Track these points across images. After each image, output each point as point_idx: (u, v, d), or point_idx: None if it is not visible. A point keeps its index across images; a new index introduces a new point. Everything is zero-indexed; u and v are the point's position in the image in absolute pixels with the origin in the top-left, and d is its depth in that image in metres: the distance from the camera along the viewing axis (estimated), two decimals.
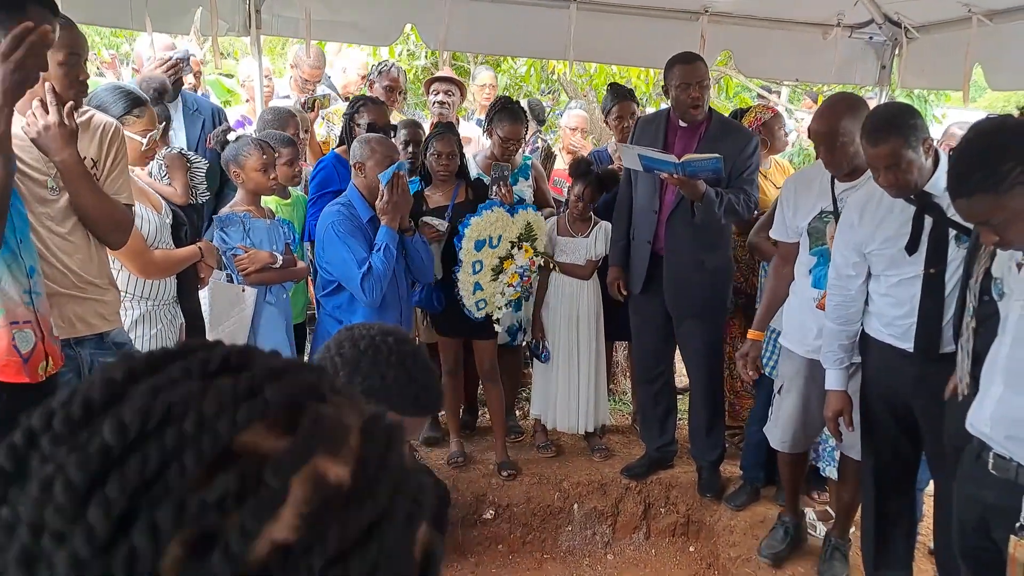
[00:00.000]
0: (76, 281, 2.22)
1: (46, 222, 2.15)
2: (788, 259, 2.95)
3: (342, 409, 0.45)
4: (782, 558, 3.07)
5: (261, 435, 0.41)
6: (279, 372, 0.45)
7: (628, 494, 3.73)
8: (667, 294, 3.45)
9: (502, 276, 3.50)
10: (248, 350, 0.47)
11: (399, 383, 1.38)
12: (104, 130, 2.29)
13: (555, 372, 3.81)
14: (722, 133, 3.31)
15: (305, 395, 0.44)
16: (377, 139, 3.11)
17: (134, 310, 2.72)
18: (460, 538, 3.63)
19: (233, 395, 0.41)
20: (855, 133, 2.61)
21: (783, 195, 2.94)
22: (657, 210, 3.39)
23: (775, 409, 3.03)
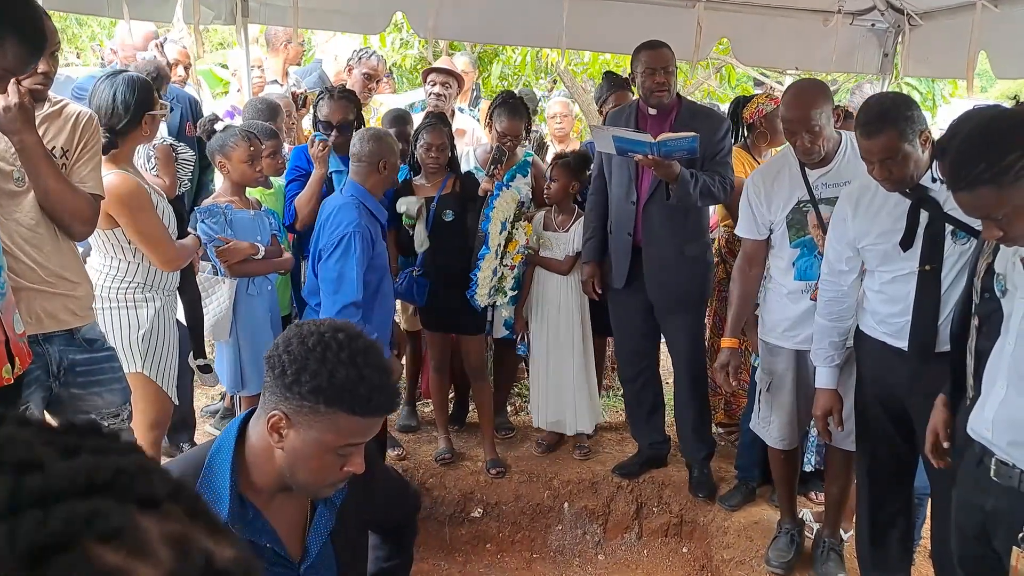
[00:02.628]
0: (44, 275, 2.16)
1: (14, 214, 2.09)
2: (754, 260, 2.88)
3: (134, 554, 0.31)
4: (792, 566, 2.98)
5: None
6: (29, 492, 0.31)
7: (620, 493, 3.65)
8: (649, 286, 3.35)
9: (506, 258, 3.43)
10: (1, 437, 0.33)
11: (349, 381, 1.29)
12: (77, 119, 2.23)
13: (537, 369, 3.73)
14: (692, 118, 3.23)
15: (66, 533, 0.30)
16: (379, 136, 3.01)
17: (155, 302, 2.69)
18: (447, 536, 3.56)
19: None
20: (829, 116, 2.59)
21: (749, 191, 2.85)
22: (635, 200, 3.30)
23: (765, 407, 2.94)
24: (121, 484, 0.34)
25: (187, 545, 0.34)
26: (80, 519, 0.31)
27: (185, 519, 0.35)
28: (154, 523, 0.34)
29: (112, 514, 0.32)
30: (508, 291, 3.53)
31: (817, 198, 2.69)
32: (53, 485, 0.31)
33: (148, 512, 0.34)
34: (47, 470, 0.32)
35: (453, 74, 4.35)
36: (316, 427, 1.31)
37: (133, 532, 0.32)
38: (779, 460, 3.01)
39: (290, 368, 1.30)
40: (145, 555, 0.32)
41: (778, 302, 2.85)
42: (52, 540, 0.30)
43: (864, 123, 2.20)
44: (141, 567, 0.31)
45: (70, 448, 0.35)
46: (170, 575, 0.32)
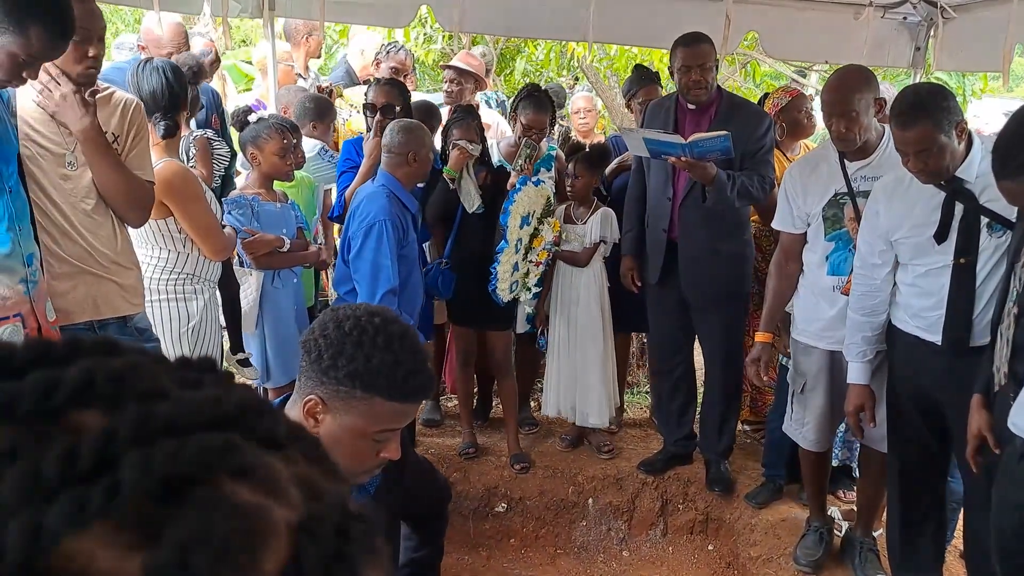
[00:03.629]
0: (101, 260, 2.19)
1: (69, 198, 2.12)
2: (791, 254, 2.84)
3: (268, 493, 0.29)
4: (821, 565, 2.94)
5: (103, 542, 0.26)
6: (159, 421, 0.29)
7: (645, 489, 3.62)
8: (683, 283, 3.32)
9: (530, 254, 3.40)
10: (124, 365, 0.31)
11: (386, 367, 1.27)
12: (125, 106, 2.25)
13: (552, 359, 3.70)
14: (732, 113, 3.18)
15: (201, 465, 0.28)
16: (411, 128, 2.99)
17: (204, 293, 2.70)
18: (471, 531, 3.55)
19: (59, 470, 0.26)
20: (869, 105, 2.53)
21: (787, 183, 2.81)
22: (671, 196, 3.27)
23: (799, 409, 2.89)
24: (248, 421, 0.32)
25: (317, 487, 0.32)
26: (215, 451, 0.29)
27: (308, 463, 0.34)
28: (281, 464, 0.32)
29: (245, 450, 0.30)
30: (532, 287, 3.50)
31: (855, 191, 2.64)
32: (182, 415, 0.30)
33: (274, 452, 0.32)
34: (173, 400, 0.30)
35: (465, 73, 4.33)
36: (352, 412, 1.30)
37: (265, 470, 0.30)
38: (811, 461, 2.97)
39: (326, 353, 1.29)
40: (279, 495, 0.30)
41: (812, 302, 2.80)
42: (189, 471, 0.28)
43: (899, 113, 2.16)
44: (276, 507, 0.29)
45: (191, 381, 0.33)
46: (307, 516, 0.30)
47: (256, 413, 0.32)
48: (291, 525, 0.29)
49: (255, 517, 0.28)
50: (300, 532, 0.29)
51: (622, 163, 3.76)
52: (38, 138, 2.07)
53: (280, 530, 0.29)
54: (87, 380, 0.30)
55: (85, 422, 0.29)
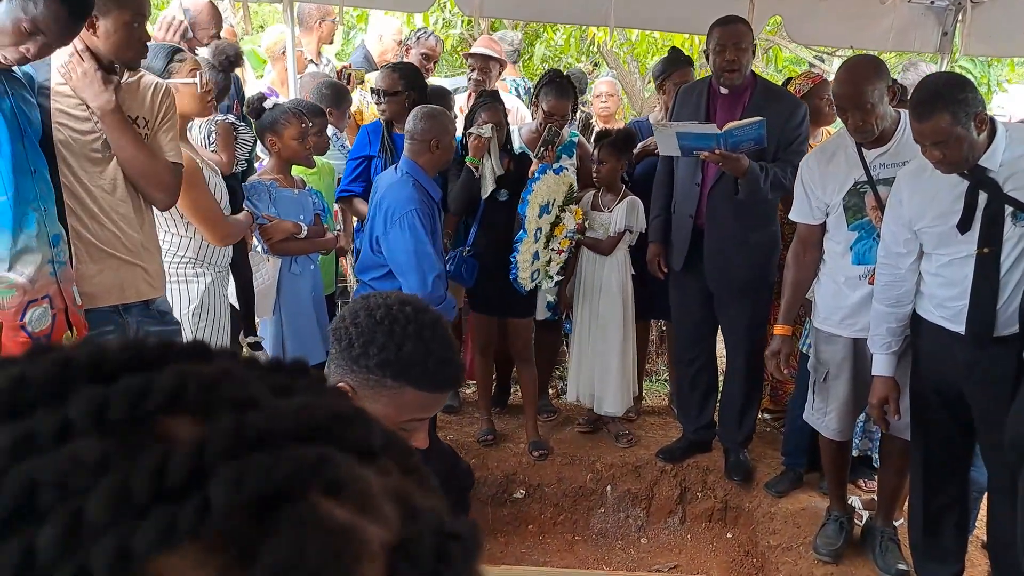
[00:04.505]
0: (128, 244, 2.20)
1: (97, 181, 2.13)
2: (809, 244, 2.80)
3: (363, 510, 0.28)
4: (841, 554, 2.93)
5: (194, 563, 0.24)
6: (251, 432, 0.27)
7: (663, 477, 3.61)
8: (708, 271, 3.29)
9: (552, 243, 3.39)
10: (216, 371, 0.29)
11: (417, 356, 1.27)
12: (155, 90, 2.26)
13: (575, 346, 3.69)
14: (767, 100, 3.13)
15: (294, 481, 0.26)
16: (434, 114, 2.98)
17: (205, 277, 2.70)
18: (490, 517, 3.56)
19: (148, 485, 0.25)
20: (883, 94, 2.49)
21: (804, 174, 2.77)
22: (699, 183, 3.23)
23: (820, 398, 2.87)
24: (340, 430, 0.30)
25: (412, 503, 0.30)
26: (308, 466, 0.27)
27: (401, 475, 0.32)
28: (374, 476, 0.30)
29: (339, 463, 0.28)
30: (554, 275, 3.49)
31: (875, 179, 2.61)
32: (275, 426, 0.28)
33: (367, 464, 0.30)
34: (266, 409, 0.28)
35: (490, 59, 4.30)
36: (382, 400, 1.29)
37: (358, 485, 0.28)
38: (831, 450, 2.95)
39: (357, 341, 1.28)
40: (373, 513, 0.28)
41: (834, 289, 2.77)
42: (281, 488, 0.26)
43: (916, 104, 2.14)
44: (370, 526, 0.27)
45: (282, 387, 0.31)
46: (403, 537, 0.28)
47: (348, 420, 0.31)
48: (386, 545, 0.27)
49: (350, 538, 0.26)
50: (397, 554, 0.27)
51: (646, 147, 3.72)
52: (71, 122, 2.08)
53: (375, 551, 0.27)
54: (179, 386, 0.28)
55: (176, 432, 0.27)
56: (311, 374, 0.35)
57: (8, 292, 1.84)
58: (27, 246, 1.88)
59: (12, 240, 1.85)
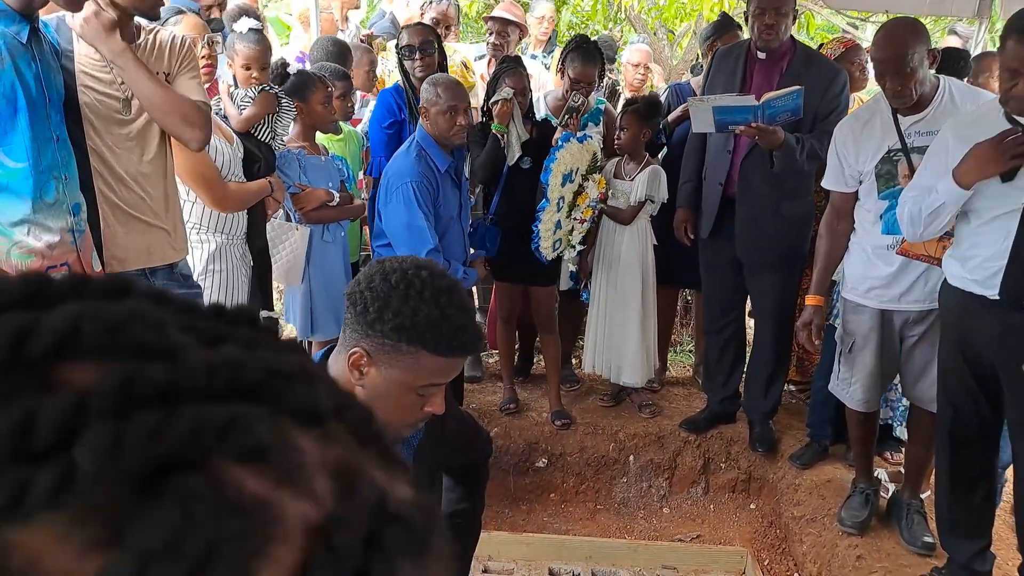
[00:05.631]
0: (154, 207, 2.21)
1: (125, 144, 2.13)
2: (843, 213, 2.74)
3: (284, 482, 0.24)
4: (866, 526, 2.90)
5: (51, 539, 0.20)
6: (149, 386, 0.23)
7: (686, 448, 3.60)
8: (738, 241, 3.24)
9: (575, 212, 3.36)
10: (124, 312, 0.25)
11: (433, 321, 1.26)
12: (173, 43, 2.24)
13: (594, 316, 3.67)
14: (806, 67, 3.05)
15: (191, 446, 0.22)
16: (444, 82, 2.93)
17: (209, 243, 2.69)
18: (512, 485, 3.58)
19: (6, 443, 0.21)
20: (923, 58, 2.42)
21: (838, 140, 2.70)
22: (731, 150, 3.17)
23: (846, 369, 2.83)
24: (275, 389, 0.25)
25: (354, 478, 0.26)
26: (213, 428, 0.23)
27: (353, 444, 0.27)
28: (313, 445, 0.25)
29: (259, 426, 0.24)
30: (576, 244, 3.46)
31: (909, 147, 2.54)
32: (183, 381, 0.23)
33: (306, 430, 0.26)
34: (178, 360, 0.24)
35: (510, 23, 4.24)
36: (398, 366, 1.29)
37: (285, 453, 0.24)
38: (858, 421, 2.91)
39: (372, 305, 1.27)
40: (298, 486, 0.24)
41: (863, 259, 2.72)
42: (171, 452, 0.22)
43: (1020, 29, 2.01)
44: (291, 502, 0.23)
45: (214, 337, 0.27)
46: (329, 517, 0.24)
47: (288, 377, 0.26)
48: (311, 526, 0.23)
49: (256, 515, 0.22)
50: (317, 538, 0.23)
51: (686, 111, 3.65)
52: (95, 84, 2.07)
53: (290, 532, 0.23)
54: (73, 327, 0.23)
55: (70, 380, 0.23)
56: (258, 324, 0.30)
57: (27, 257, 1.85)
58: (47, 213, 1.89)
59: (32, 207, 1.86)
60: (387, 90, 3.59)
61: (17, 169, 1.80)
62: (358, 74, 3.74)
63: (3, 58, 1.74)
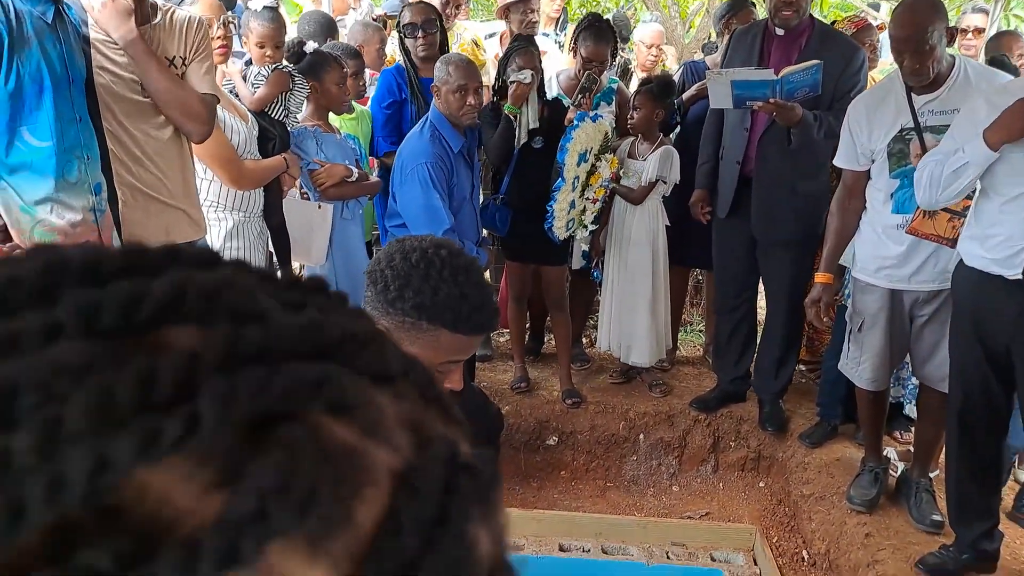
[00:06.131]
0: (171, 187, 2.24)
1: (140, 125, 2.16)
2: (854, 192, 2.74)
3: (370, 433, 0.26)
4: (875, 504, 2.93)
5: (178, 479, 0.23)
6: (250, 346, 0.25)
7: (696, 426, 3.63)
8: (754, 219, 3.25)
9: (587, 191, 3.37)
10: (220, 280, 0.27)
11: (452, 299, 1.28)
12: (188, 24, 2.26)
13: (606, 295, 3.69)
14: (824, 45, 3.04)
15: (292, 399, 0.25)
16: (455, 61, 2.93)
17: (226, 221, 2.72)
18: (523, 463, 3.61)
19: (133, 395, 0.23)
20: (942, 36, 2.41)
21: (851, 118, 2.69)
22: (748, 128, 3.17)
23: (855, 348, 2.85)
24: (352, 350, 0.28)
25: (427, 431, 0.28)
26: (309, 384, 0.25)
27: (420, 402, 0.29)
28: (388, 401, 0.27)
29: (346, 384, 0.26)
30: (588, 224, 3.47)
31: (922, 125, 2.53)
32: (276, 342, 0.26)
33: (381, 388, 0.28)
34: (269, 323, 0.26)
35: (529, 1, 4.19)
36: (417, 343, 1.31)
37: (367, 408, 0.26)
38: (867, 401, 2.92)
39: (393, 284, 1.30)
40: (381, 437, 0.26)
41: (873, 239, 2.72)
42: (276, 405, 0.24)
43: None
44: (377, 451, 0.25)
45: (294, 303, 0.29)
46: (410, 465, 0.26)
47: (362, 341, 0.28)
48: (393, 472, 0.26)
49: (350, 461, 0.25)
50: (401, 481, 0.25)
51: (701, 89, 3.64)
52: (111, 66, 2.09)
53: (379, 478, 0.25)
54: (177, 293, 0.25)
55: (175, 341, 0.25)
56: (331, 293, 0.32)
57: (49, 235, 1.88)
58: (69, 192, 1.92)
59: (55, 186, 1.89)
60: (388, 70, 3.58)
61: (42, 148, 1.83)
62: (368, 52, 3.73)
63: (29, 38, 1.76)
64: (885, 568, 2.61)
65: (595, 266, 3.75)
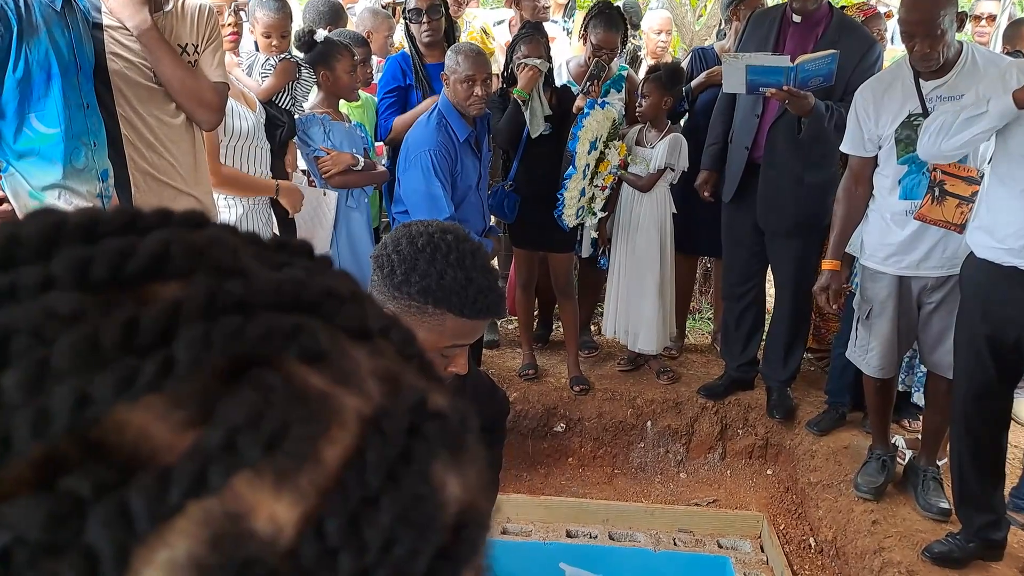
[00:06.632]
0: (183, 173, 2.25)
1: (153, 111, 2.17)
2: (861, 178, 2.73)
3: (341, 381, 0.27)
4: (882, 492, 2.92)
5: (155, 416, 0.24)
6: (229, 298, 0.27)
7: (704, 414, 3.63)
8: (759, 207, 3.24)
9: (596, 179, 3.36)
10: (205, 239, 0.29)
11: (458, 283, 1.29)
12: (199, 12, 2.27)
13: (612, 282, 3.69)
14: (841, 35, 3.02)
15: (264, 345, 0.26)
16: (465, 51, 2.92)
17: (236, 208, 2.74)
18: (530, 449, 3.63)
19: (115, 339, 0.25)
20: (952, 21, 2.40)
21: (857, 104, 2.68)
22: (759, 114, 3.16)
23: (863, 335, 2.84)
24: (330, 307, 0.29)
25: (399, 382, 0.29)
26: (282, 332, 0.27)
27: (397, 358, 0.31)
28: (364, 355, 0.29)
29: (319, 334, 0.27)
30: (598, 212, 3.47)
31: (930, 111, 2.53)
32: (255, 295, 0.27)
33: (357, 343, 0.30)
34: (250, 278, 0.28)
35: None
36: (423, 327, 1.32)
37: (340, 358, 0.28)
38: (875, 389, 2.92)
39: (399, 268, 1.30)
40: (352, 385, 0.28)
41: (881, 226, 2.71)
42: (250, 349, 0.26)
43: None
44: (347, 397, 0.27)
45: (278, 263, 0.31)
46: (379, 410, 0.28)
47: (342, 298, 0.30)
48: (363, 417, 0.27)
49: (318, 403, 0.26)
50: (369, 427, 0.27)
51: (711, 76, 3.63)
52: (124, 52, 2.10)
53: (347, 420, 0.27)
54: (162, 252, 0.27)
55: (160, 294, 0.27)
56: (316, 256, 0.34)
57: None
58: (77, 179, 1.93)
59: (63, 172, 1.90)
60: (394, 56, 3.58)
61: (50, 135, 1.84)
62: (376, 39, 3.72)
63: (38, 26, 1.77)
64: (892, 555, 2.62)
65: (602, 254, 3.75)
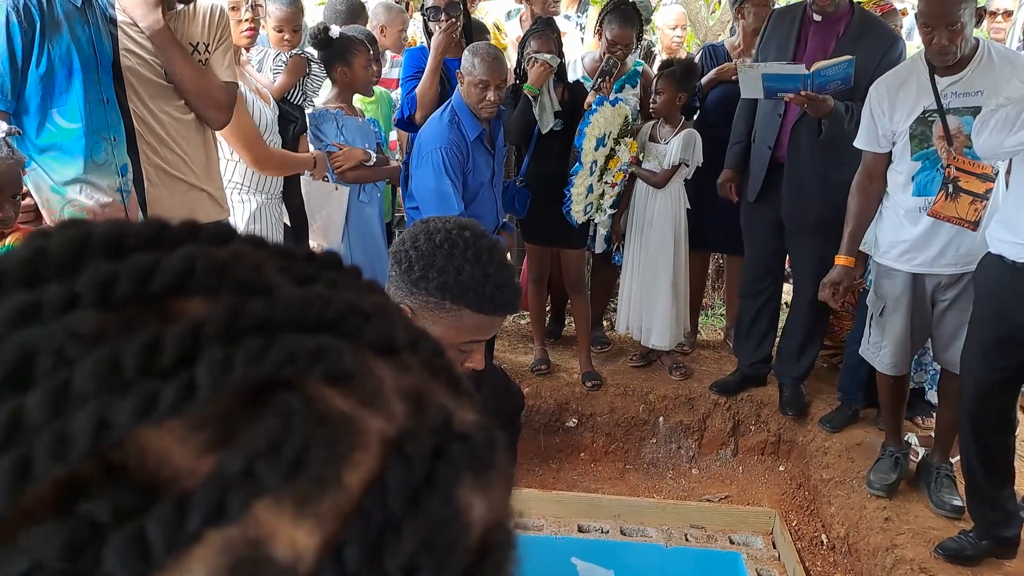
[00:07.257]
0: (195, 168, 2.28)
1: (163, 107, 2.19)
2: (875, 174, 2.72)
3: (365, 402, 0.27)
4: (895, 489, 2.92)
5: (175, 440, 0.24)
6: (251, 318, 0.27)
7: (716, 410, 3.63)
8: (785, 206, 3.24)
9: (606, 176, 3.36)
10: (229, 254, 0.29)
11: (475, 280, 1.30)
12: (211, 12, 2.29)
13: (626, 277, 3.70)
14: (863, 32, 3.01)
15: (287, 368, 0.26)
16: (483, 54, 2.92)
17: (250, 203, 2.75)
18: (542, 444, 3.64)
19: (137, 361, 0.25)
20: (972, 14, 2.39)
21: (872, 99, 2.67)
22: (782, 113, 3.15)
23: (876, 332, 2.83)
24: (356, 324, 0.29)
25: (424, 400, 0.29)
26: (306, 354, 0.26)
27: (424, 374, 0.31)
28: (389, 372, 0.29)
29: (343, 354, 0.27)
30: (607, 209, 3.47)
31: (945, 107, 2.51)
32: (278, 314, 0.27)
33: (383, 360, 0.29)
34: (274, 296, 0.28)
35: None
36: (441, 323, 1.33)
37: (365, 378, 0.28)
38: (888, 386, 2.92)
39: (417, 264, 1.31)
40: (377, 406, 0.27)
41: (895, 222, 2.71)
42: (272, 373, 0.26)
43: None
44: (371, 418, 0.27)
45: (304, 277, 0.30)
46: (402, 432, 0.27)
47: (367, 314, 0.29)
48: (386, 440, 0.27)
49: (340, 426, 0.26)
50: (392, 447, 0.27)
51: (721, 73, 3.62)
52: (137, 48, 2.12)
53: (370, 443, 0.26)
54: (187, 267, 0.27)
55: (182, 312, 0.27)
56: (344, 268, 0.34)
57: (79, 215, 1.92)
58: (97, 173, 1.96)
59: (84, 167, 1.93)
60: (414, 48, 3.58)
61: (71, 129, 1.87)
62: (390, 34, 3.74)
63: (60, 21, 1.79)
64: (904, 553, 2.61)
65: (616, 250, 3.75)
